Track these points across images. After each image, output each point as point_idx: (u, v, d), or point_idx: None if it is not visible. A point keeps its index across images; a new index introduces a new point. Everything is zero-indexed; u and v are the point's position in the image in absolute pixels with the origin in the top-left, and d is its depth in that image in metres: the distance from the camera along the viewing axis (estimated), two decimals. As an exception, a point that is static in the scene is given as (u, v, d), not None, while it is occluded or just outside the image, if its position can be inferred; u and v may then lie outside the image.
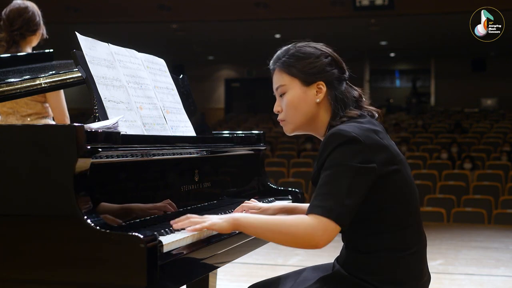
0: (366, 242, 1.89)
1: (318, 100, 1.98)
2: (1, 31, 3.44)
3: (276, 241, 1.84)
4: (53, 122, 3.44)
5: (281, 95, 2.03)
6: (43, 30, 3.52)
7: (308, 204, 2.32)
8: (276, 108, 2.06)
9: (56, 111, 3.44)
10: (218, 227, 1.85)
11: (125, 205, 1.92)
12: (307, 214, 1.81)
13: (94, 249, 1.64)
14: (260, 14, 12.66)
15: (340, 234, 1.97)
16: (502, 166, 10.87)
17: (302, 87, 1.98)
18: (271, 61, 2.08)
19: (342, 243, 2.01)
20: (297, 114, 2.00)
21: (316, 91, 1.98)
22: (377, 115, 2.02)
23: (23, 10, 3.44)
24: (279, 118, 2.06)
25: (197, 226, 1.85)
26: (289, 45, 2.05)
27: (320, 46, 2.04)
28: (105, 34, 5.34)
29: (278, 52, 2.06)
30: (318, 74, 1.97)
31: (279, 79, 2.03)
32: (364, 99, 2.05)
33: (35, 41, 3.51)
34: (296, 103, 1.99)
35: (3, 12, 3.45)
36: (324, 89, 1.97)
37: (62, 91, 3.34)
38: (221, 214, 2.09)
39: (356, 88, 2.06)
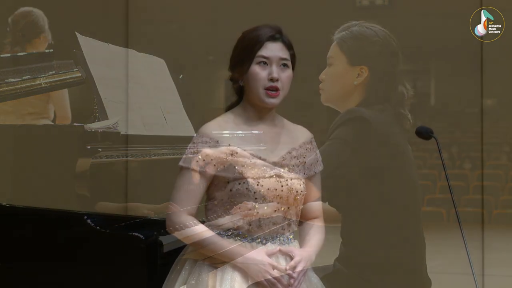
0: (362, 238, 1.90)
1: (355, 82, 1.99)
2: (8, 36, 3.52)
3: None
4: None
5: (329, 66, 2.05)
6: (48, 35, 3.57)
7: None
8: (321, 76, 2.09)
9: (60, 110, 3.47)
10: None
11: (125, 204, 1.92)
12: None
13: (94, 249, 1.64)
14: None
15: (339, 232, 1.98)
16: (502, 166, 10.86)
17: (346, 65, 1.99)
18: (336, 31, 2.08)
19: (341, 244, 2.01)
20: (333, 88, 2.05)
21: (358, 74, 1.98)
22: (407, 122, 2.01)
23: (28, 14, 3.55)
24: (320, 86, 2.07)
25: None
26: (358, 22, 2.05)
27: (383, 33, 2.03)
28: (105, 34, 5.32)
29: (345, 24, 2.07)
30: (365, 58, 1.96)
31: (331, 50, 2.06)
32: (406, 102, 2.03)
33: (39, 46, 3.54)
34: (336, 78, 2.02)
35: (10, 18, 3.55)
36: (365, 74, 1.97)
37: (66, 90, 3.37)
38: None
39: (408, 88, 2.04)
